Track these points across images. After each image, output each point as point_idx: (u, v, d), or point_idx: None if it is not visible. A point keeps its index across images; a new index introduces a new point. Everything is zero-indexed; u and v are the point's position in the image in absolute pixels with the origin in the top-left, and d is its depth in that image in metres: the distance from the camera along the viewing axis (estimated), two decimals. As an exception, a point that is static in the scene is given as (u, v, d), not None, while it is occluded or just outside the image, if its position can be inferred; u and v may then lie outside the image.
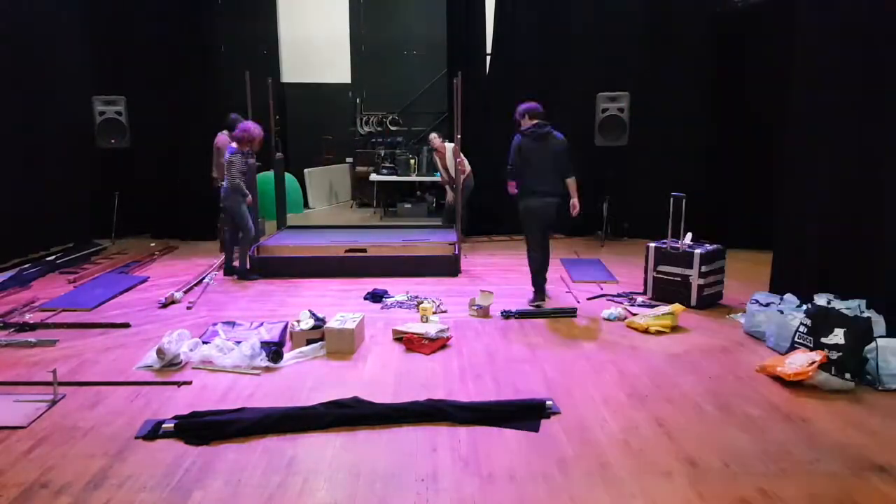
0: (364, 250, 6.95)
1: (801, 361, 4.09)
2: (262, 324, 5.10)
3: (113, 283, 6.44)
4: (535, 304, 5.79)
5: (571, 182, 5.69)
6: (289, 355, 4.51)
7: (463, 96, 7.35)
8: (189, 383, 4.10)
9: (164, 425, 3.49)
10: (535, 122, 5.68)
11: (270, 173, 9.18)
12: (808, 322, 4.36)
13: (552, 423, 3.60)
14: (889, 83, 4.73)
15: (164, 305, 5.75)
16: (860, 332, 4.14)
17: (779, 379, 4.12)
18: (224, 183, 6.56)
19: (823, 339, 4.19)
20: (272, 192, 8.49)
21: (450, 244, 7.24)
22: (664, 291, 5.84)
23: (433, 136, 9.06)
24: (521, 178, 5.70)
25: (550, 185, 5.64)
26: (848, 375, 4.03)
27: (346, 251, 6.95)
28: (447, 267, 6.89)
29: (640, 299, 5.91)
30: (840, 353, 4.08)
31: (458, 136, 7.22)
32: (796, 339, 4.41)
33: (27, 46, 7.54)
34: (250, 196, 6.64)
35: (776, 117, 6.77)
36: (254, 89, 7.47)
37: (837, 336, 4.14)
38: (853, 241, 5.02)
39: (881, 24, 4.78)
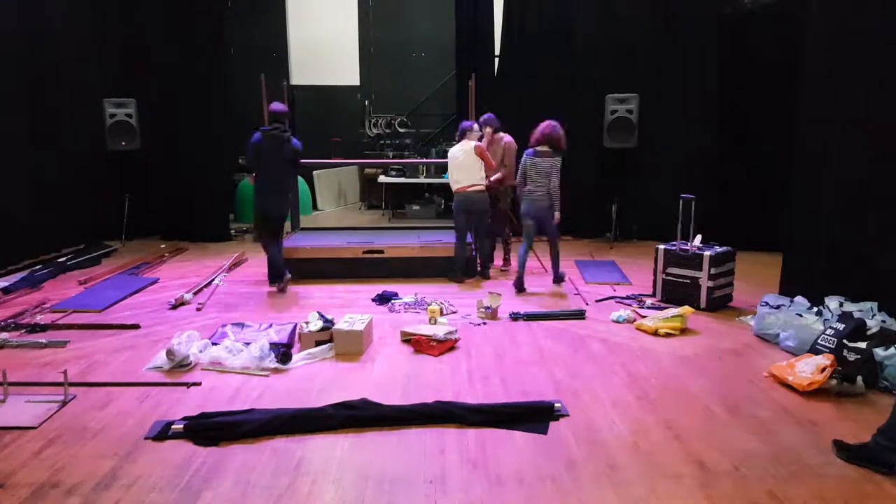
0: (381, 252, 6.94)
1: (810, 368, 4.04)
2: (270, 325, 5.11)
3: (123, 285, 6.47)
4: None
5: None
6: (297, 357, 4.53)
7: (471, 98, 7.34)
8: (198, 384, 4.12)
9: (173, 426, 3.51)
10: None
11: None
12: (839, 326, 4.28)
13: (561, 426, 3.59)
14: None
15: (174, 307, 5.78)
16: (882, 340, 4.09)
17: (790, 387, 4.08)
18: None
19: (848, 343, 4.12)
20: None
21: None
22: (673, 293, 5.81)
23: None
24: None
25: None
26: (860, 379, 3.99)
27: (364, 253, 6.94)
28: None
29: (649, 301, 5.88)
30: (857, 356, 4.03)
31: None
32: (819, 341, 4.32)
33: (39, 49, 7.60)
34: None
35: (786, 118, 6.73)
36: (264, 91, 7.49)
37: (861, 343, 4.09)
38: (864, 244, 4.98)
39: (891, 25, 4.75)
